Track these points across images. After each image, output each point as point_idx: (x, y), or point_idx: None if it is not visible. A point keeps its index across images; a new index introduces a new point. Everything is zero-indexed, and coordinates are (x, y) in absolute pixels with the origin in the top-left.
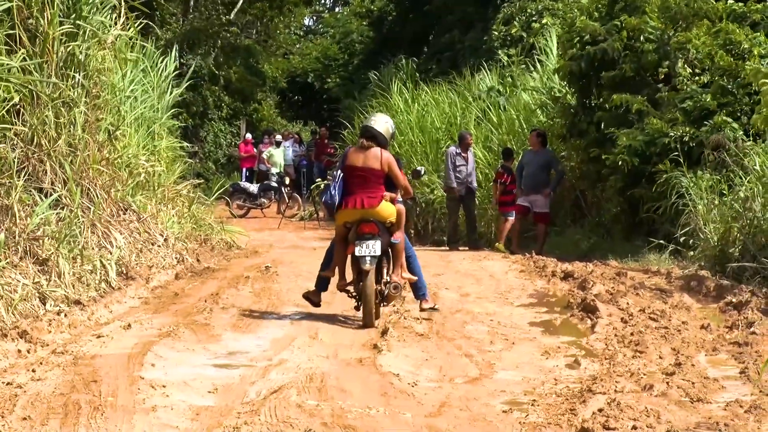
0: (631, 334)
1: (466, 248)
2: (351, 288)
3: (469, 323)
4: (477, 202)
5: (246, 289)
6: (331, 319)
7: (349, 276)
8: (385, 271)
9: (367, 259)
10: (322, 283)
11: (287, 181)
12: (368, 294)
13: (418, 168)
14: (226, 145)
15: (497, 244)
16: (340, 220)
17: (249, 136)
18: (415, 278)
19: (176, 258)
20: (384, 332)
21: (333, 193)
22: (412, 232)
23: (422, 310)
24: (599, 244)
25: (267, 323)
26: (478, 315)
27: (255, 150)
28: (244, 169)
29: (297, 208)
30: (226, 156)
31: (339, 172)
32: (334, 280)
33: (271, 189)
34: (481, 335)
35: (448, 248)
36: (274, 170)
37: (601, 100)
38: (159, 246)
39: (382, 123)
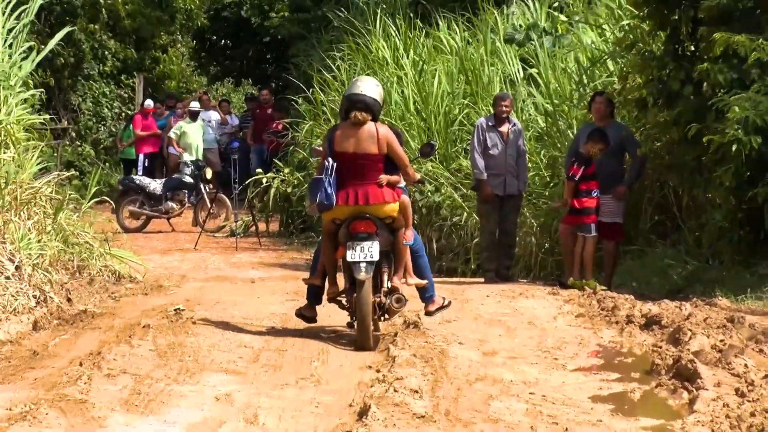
0: (752, 414)
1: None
2: (343, 298)
3: (497, 398)
4: (522, 209)
5: (145, 345)
6: (281, 388)
7: (342, 282)
8: (385, 276)
9: (362, 265)
10: (312, 294)
11: (209, 174)
12: (364, 310)
13: (431, 142)
14: (112, 118)
15: (572, 280)
16: (328, 215)
17: (149, 103)
18: (425, 282)
19: (35, 297)
20: (363, 412)
21: (330, 191)
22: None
23: (428, 313)
24: (700, 271)
25: (178, 399)
26: (510, 385)
27: (159, 126)
28: (141, 156)
29: (225, 216)
30: (112, 135)
31: (330, 161)
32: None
33: (184, 187)
34: (516, 417)
35: (483, 279)
36: (187, 157)
37: (702, 45)
38: (7, 278)
39: (372, 87)
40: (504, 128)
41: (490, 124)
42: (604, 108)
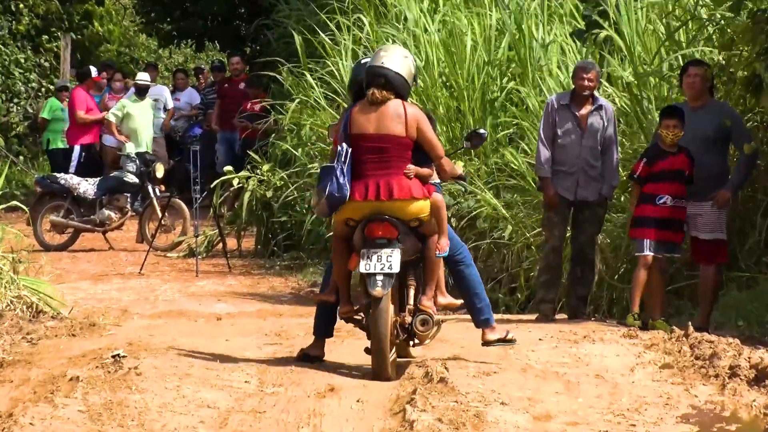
0: None
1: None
2: (362, 316)
3: None
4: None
5: (72, 404)
6: None
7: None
8: (412, 291)
9: (378, 279)
10: (322, 320)
11: (160, 171)
12: (380, 331)
13: (480, 130)
14: (28, 95)
15: (631, 315)
16: (340, 215)
17: (94, 71)
18: (458, 303)
19: None
20: None
21: (342, 181)
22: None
23: (486, 343)
24: None
25: None
26: None
27: (99, 107)
28: (77, 148)
29: (181, 229)
30: (29, 118)
31: (344, 146)
32: None
33: (126, 189)
34: None
35: (536, 317)
36: (130, 149)
37: None
38: None
39: (398, 59)
40: (583, 110)
41: (563, 103)
42: (699, 83)
